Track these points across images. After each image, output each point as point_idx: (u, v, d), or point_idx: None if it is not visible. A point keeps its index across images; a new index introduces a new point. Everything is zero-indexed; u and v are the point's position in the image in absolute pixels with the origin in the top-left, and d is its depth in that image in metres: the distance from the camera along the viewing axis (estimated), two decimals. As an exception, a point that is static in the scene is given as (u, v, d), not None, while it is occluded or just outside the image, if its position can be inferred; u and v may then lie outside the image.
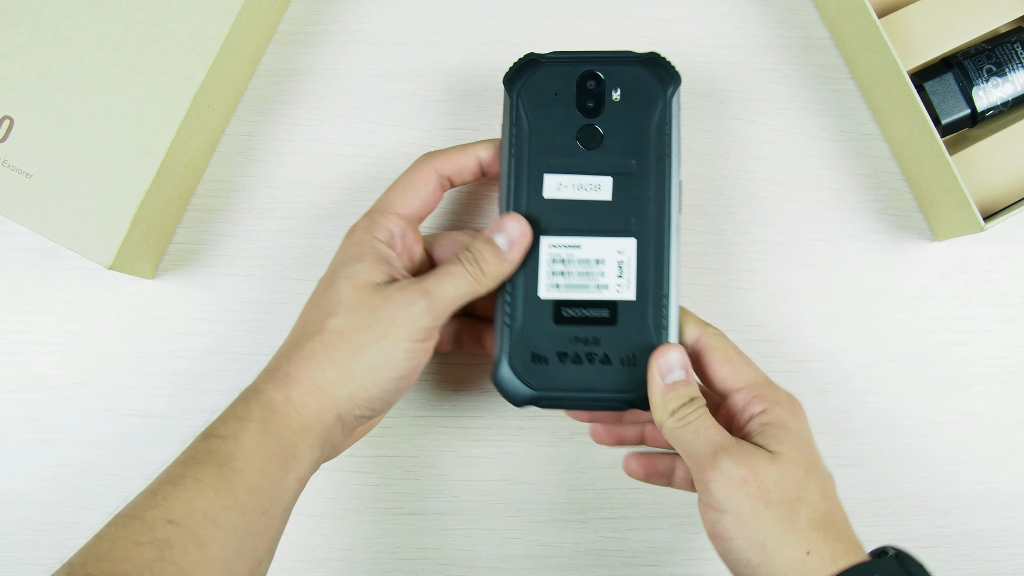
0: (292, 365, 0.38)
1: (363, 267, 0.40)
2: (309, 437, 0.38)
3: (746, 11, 0.51)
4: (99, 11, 0.44)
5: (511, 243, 0.40)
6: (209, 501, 0.35)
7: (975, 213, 0.44)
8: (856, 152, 0.51)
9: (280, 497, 0.37)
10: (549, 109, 0.42)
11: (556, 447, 0.49)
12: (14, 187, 0.43)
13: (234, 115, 0.51)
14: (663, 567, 0.48)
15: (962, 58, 0.48)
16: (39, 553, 0.48)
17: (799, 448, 0.38)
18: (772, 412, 0.39)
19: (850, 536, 0.37)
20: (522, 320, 0.41)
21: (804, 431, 0.39)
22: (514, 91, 0.42)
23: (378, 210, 0.42)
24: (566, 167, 0.42)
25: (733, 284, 0.50)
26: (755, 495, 0.36)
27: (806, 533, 0.36)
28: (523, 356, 0.41)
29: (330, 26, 0.51)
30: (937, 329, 0.50)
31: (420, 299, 0.38)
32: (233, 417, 0.37)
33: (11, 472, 0.49)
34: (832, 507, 0.38)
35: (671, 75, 0.42)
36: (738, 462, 0.37)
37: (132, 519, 0.34)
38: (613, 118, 0.42)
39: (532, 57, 0.43)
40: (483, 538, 0.48)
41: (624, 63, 0.42)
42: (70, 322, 0.49)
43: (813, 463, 0.38)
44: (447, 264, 0.40)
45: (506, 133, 0.42)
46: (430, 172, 0.42)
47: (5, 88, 0.44)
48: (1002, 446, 0.49)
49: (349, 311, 0.39)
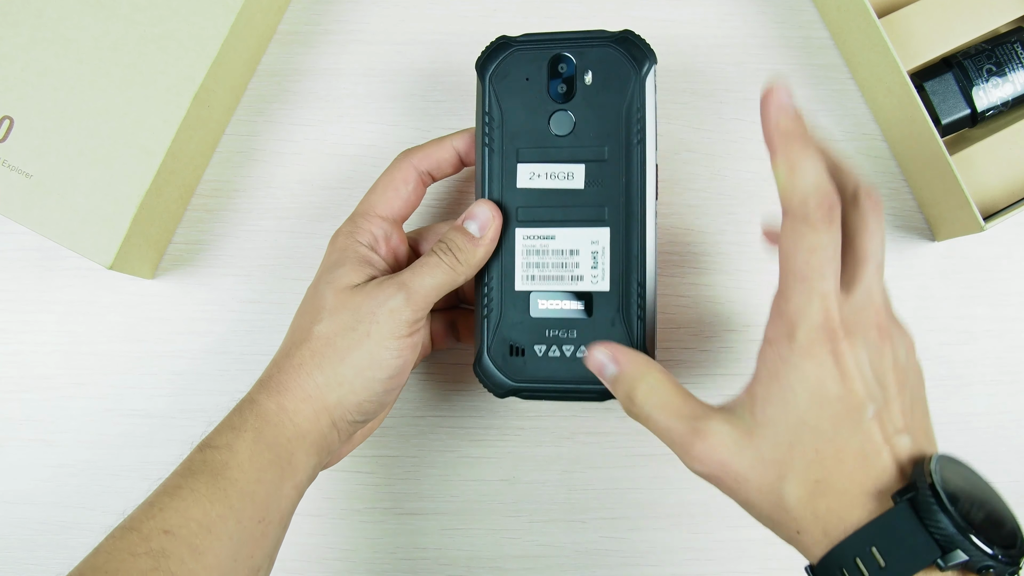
0: (283, 374, 0.39)
1: (344, 271, 0.40)
2: (305, 444, 0.38)
3: (746, 11, 0.51)
4: (99, 11, 0.44)
5: (481, 227, 0.40)
6: (204, 510, 0.35)
7: (975, 213, 0.44)
8: (856, 152, 0.51)
9: (277, 504, 0.38)
10: (520, 95, 0.41)
11: (556, 447, 0.49)
12: (14, 187, 0.43)
13: (234, 115, 0.51)
14: (663, 567, 0.48)
15: (962, 58, 0.48)
16: (39, 553, 0.48)
17: (791, 404, 0.33)
18: (772, 348, 0.34)
19: (851, 496, 0.32)
20: (499, 313, 0.41)
21: (815, 371, 0.33)
22: (486, 77, 0.41)
23: (360, 213, 0.42)
24: (539, 156, 0.41)
25: (733, 284, 0.50)
26: (736, 487, 0.34)
27: (793, 512, 0.33)
28: (502, 348, 0.41)
29: (330, 26, 0.51)
30: (937, 329, 0.50)
31: (398, 292, 0.39)
32: (228, 428, 0.38)
33: (11, 472, 0.49)
34: (828, 469, 0.33)
35: (645, 54, 0.40)
36: (703, 461, 0.34)
37: (129, 531, 0.35)
38: (585, 103, 0.41)
39: (503, 40, 0.42)
40: (483, 538, 0.48)
41: (596, 44, 0.41)
42: (70, 322, 0.49)
43: (803, 421, 0.33)
44: (424, 256, 0.40)
45: (479, 121, 0.42)
46: (409, 170, 0.42)
47: (5, 88, 0.44)
48: (1002, 446, 0.49)
49: (332, 315, 0.39)
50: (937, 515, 0.30)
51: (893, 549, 0.31)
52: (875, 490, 0.32)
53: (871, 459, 0.32)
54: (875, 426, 0.33)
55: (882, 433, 0.33)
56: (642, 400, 0.36)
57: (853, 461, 0.32)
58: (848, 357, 0.33)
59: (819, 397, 0.33)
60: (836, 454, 0.33)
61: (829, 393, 0.33)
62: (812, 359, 0.33)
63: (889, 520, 0.31)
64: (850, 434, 0.33)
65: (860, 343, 0.33)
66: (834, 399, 0.33)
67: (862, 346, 0.33)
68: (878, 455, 0.32)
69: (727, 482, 0.34)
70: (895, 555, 0.30)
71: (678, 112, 0.50)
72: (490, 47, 0.42)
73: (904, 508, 0.31)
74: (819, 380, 0.33)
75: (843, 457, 0.33)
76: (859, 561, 0.31)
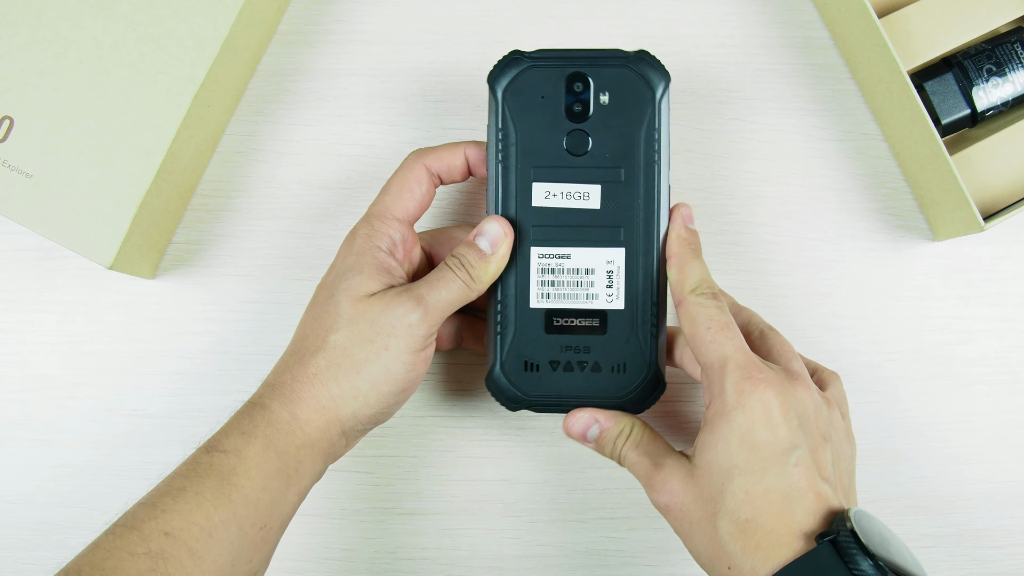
0: (298, 383, 0.39)
1: (362, 279, 0.40)
2: (313, 453, 0.39)
3: (746, 11, 0.51)
4: (99, 11, 0.44)
5: (492, 244, 0.40)
6: (207, 515, 0.35)
7: (975, 213, 0.44)
8: (856, 152, 0.51)
9: (280, 511, 0.38)
10: (536, 113, 0.41)
11: (556, 447, 0.49)
12: (14, 187, 0.43)
13: (234, 115, 0.51)
14: (663, 567, 0.48)
15: (962, 58, 0.48)
16: (39, 553, 0.48)
17: (722, 450, 0.36)
18: (710, 408, 0.38)
19: (778, 535, 0.35)
20: (514, 329, 0.41)
21: (744, 420, 0.36)
22: (499, 92, 0.41)
23: (377, 216, 0.41)
24: (554, 175, 0.41)
25: (733, 284, 0.50)
26: (681, 518, 0.38)
27: (726, 548, 0.35)
28: (516, 364, 0.41)
29: (330, 26, 0.51)
30: (937, 329, 0.50)
31: (416, 308, 0.39)
32: (237, 431, 0.38)
33: (11, 472, 0.49)
34: (756, 509, 0.35)
35: (660, 75, 0.41)
36: (658, 491, 0.38)
37: (129, 529, 0.35)
38: (601, 123, 0.41)
39: (516, 55, 0.41)
40: (483, 538, 0.48)
41: (612, 63, 0.41)
42: (70, 322, 0.49)
43: (734, 464, 0.36)
44: (438, 270, 0.40)
45: (492, 136, 0.41)
46: (422, 171, 0.42)
47: (5, 88, 0.44)
48: (1002, 446, 0.49)
49: (349, 324, 0.39)
50: (858, 557, 0.33)
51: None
52: (800, 531, 0.35)
53: (796, 501, 0.35)
54: (801, 471, 0.36)
55: (807, 478, 0.36)
56: (620, 443, 0.40)
57: (780, 503, 0.35)
58: (774, 405, 0.36)
59: (748, 442, 0.36)
60: (764, 495, 0.35)
61: (757, 438, 0.36)
62: (741, 409, 0.36)
63: (814, 558, 0.33)
64: (776, 476, 0.35)
65: (787, 395, 0.37)
66: (762, 444, 0.36)
67: (788, 398, 0.37)
68: (803, 498, 0.35)
69: (675, 513, 0.38)
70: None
71: (678, 112, 0.50)
72: (503, 61, 0.41)
73: (827, 548, 0.33)
74: (748, 427, 0.36)
75: (770, 498, 0.35)
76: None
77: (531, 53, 0.41)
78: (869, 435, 0.49)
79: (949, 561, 0.49)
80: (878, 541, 0.34)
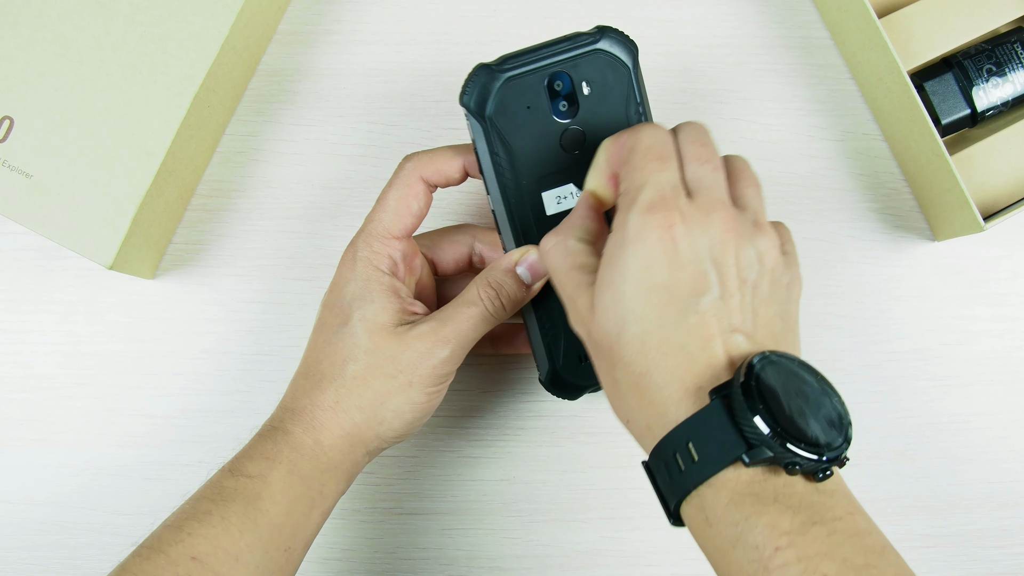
0: (319, 411, 0.39)
1: (376, 308, 0.39)
2: (337, 475, 0.39)
3: (746, 11, 0.51)
4: (99, 11, 0.44)
5: (534, 276, 0.40)
6: (233, 540, 0.36)
7: (975, 213, 0.44)
8: (856, 152, 0.51)
9: (304, 533, 0.38)
10: (526, 126, 0.40)
11: (556, 447, 0.49)
12: (14, 187, 0.43)
13: (234, 115, 0.51)
14: (663, 567, 0.48)
15: (962, 58, 0.48)
16: (39, 553, 0.48)
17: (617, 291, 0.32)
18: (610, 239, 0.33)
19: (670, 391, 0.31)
20: (564, 335, 0.42)
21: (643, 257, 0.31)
22: (485, 116, 0.39)
23: (376, 235, 0.40)
24: (558, 179, 0.41)
25: (733, 284, 0.50)
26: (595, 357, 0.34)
27: (626, 400, 0.32)
28: (571, 362, 0.42)
29: (330, 26, 0.51)
30: (937, 329, 0.50)
31: (443, 348, 0.39)
32: (260, 456, 0.38)
33: (11, 472, 0.49)
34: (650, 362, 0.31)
35: (628, 48, 0.40)
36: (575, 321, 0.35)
37: (156, 552, 0.35)
38: (589, 114, 0.40)
39: (484, 70, 0.39)
40: (483, 538, 0.48)
41: (582, 51, 0.40)
42: (70, 322, 0.49)
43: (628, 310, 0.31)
44: (465, 303, 0.40)
45: (489, 164, 0.40)
46: (419, 185, 0.41)
47: (5, 88, 0.44)
48: (1002, 446, 0.49)
49: (369, 356, 0.39)
50: (745, 412, 0.29)
51: (705, 444, 0.30)
52: (695, 386, 0.31)
53: (695, 354, 0.31)
54: (705, 320, 0.31)
55: (713, 327, 0.31)
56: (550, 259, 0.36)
57: (676, 355, 0.31)
58: (681, 243, 0.31)
59: (645, 285, 0.31)
60: (659, 345, 0.31)
61: (655, 280, 0.31)
62: (641, 243, 0.31)
63: (703, 416, 0.30)
64: (674, 326, 0.31)
65: (699, 231, 0.31)
66: (660, 287, 0.31)
67: (701, 235, 0.31)
68: (704, 350, 0.31)
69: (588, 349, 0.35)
70: (706, 450, 0.30)
71: (678, 112, 0.50)
72: (475, 81, 0.39)
73: (717, 405, 0.30)
74: (647, 266, 0.31)
75: (667, 350, 0.31)
76: (678, 456, 0.30)
77: (497, 64, 0.40)
78: (869, 435, 0.49)
79: (949, 561, 0.49)
80: (781, 387, 0.30)
